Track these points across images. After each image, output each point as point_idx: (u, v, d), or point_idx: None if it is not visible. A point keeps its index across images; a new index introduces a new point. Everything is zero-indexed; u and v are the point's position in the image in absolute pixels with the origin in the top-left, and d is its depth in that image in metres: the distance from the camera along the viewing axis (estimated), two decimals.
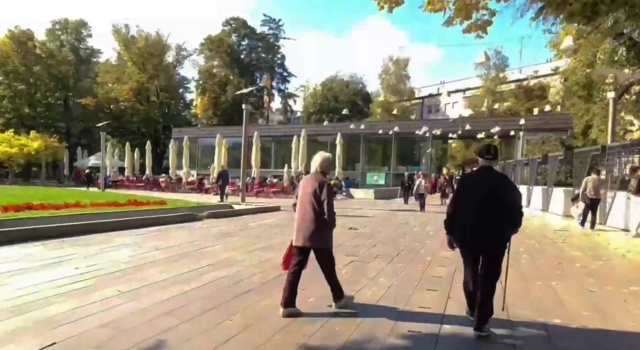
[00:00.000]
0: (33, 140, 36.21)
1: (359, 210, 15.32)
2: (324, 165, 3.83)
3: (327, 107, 54.27)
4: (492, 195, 3.29)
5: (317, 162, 3.82)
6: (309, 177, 3.85)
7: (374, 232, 9.37)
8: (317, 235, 3.70)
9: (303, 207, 3.75)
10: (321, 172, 3.82)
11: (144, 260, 5.76)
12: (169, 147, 31.02)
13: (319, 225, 3.68)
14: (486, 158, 3.45)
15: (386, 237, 8.66)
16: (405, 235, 9.02)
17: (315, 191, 3.66)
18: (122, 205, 11.94)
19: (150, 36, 49.89)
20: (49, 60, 45.02)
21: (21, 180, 37.42)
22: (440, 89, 69.90)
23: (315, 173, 3.80)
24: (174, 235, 8.15)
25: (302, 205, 3.76)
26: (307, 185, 3.75)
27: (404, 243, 7.88)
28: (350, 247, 7.32)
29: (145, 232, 8.43)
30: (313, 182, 3.72)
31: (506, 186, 3.38)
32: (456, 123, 31.50)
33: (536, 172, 17.24)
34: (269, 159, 37.47)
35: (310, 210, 3.67)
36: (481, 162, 3.50)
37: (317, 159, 3.85)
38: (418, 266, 5.83)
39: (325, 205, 3.62)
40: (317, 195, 3.64)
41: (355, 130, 33.12)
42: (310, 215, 3.67)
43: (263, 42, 60.50)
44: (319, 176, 3.78)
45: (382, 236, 8.77)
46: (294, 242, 3.83)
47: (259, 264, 5.76)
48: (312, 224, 3.67)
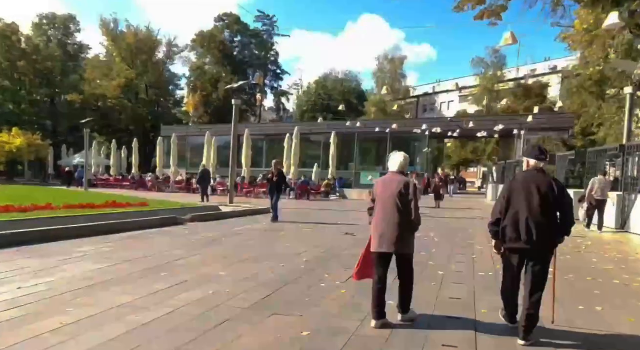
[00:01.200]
0: (15, 138, 34.89)
1: (354, 213, 14.47)
2: (404, 165, 3.64)
3: (321, 106, 53.32)
4: (545, 198, 3.18)
5: (398, 161, 3.63)
6: (389, 178, 3.62)
7: None
8: (403, 240, 3.48)
9: (386, 209, 3.50)
10: (401, 172, 3.62)
11: (107, 276, 4.84)
12: (157, 145, 29.84)
13: (405, 228, 3.48)
14: (539, 159, 3.34)
15: None
16: None
17: (400, 192, 3.44)
18: (98, 207, 10.97)
19: (140, 31, 48.59)
20: (34, 55, 43.57)
21: (4, 180, 36.03)
22: (436, 88, 69.57)
23: (395, 173, 3.60)
24: (150, 243, 7.23)
25: (384, 208, 3.52)
26: (390, 186, 3.53)
27: None
28: (347, 257, 6.46)
29: (118, 238, 7.49)
30: (396, 182, 3.50)
31: (559, 190, 3.22)
32: (454, 122, 30.82)
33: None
34: (260, 158, 36.50)
35: (396, 212, 3.45)
36: (531, 163, 3.36)
37: (397, 158, 3.66)
38: (430, 284, 4.98)
39: (412, 206, 3.45)
40: (403, 196, 3.44)
41: (349, 128, 32.25)
42: (396, 218, 3.45)
43: (256, 38, 59.41)
44: (401, 176, 3.58)
45: None
46: (376, 248, 3.55)
47: (243, 281, 4.87)
48: (398, 228, 3.44)
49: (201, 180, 17.65)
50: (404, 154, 3.70)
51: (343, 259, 6.33)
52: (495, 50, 51.22)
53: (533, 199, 3.18)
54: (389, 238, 3.44)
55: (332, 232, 9.29)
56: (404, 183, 3.48)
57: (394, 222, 3.44)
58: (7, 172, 40.93)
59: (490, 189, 26.41)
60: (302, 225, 10.32)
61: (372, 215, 3.68)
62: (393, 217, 3.44)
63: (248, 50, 59.69)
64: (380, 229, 3.50)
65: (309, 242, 7.87)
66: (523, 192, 3.24)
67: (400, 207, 3.43)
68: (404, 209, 3.43)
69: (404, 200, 3.43)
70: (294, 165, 23.32)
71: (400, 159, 3.64)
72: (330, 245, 7.46)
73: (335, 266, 5.77)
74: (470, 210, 16.69)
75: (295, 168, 23.30)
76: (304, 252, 6.75)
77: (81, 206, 10.80)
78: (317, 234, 8.91)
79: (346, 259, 6.35)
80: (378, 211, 3.57)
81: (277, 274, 5.20)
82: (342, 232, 9.31)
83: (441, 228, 10.54)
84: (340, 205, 17.83)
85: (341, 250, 7.01)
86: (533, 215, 3.15)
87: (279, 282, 4.82)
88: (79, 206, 10.74)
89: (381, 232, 3.49)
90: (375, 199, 3.65)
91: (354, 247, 7.37)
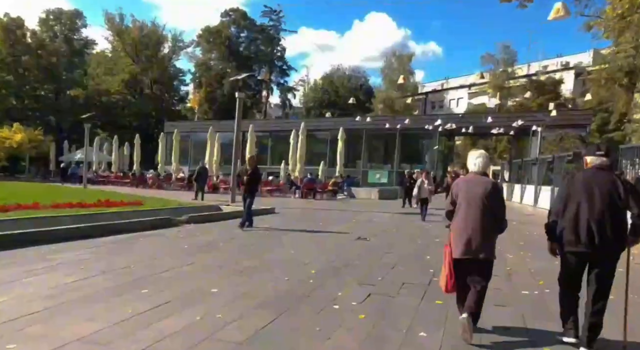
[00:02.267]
0: (16, 133, 34.34)
1: (364, 214, 13.61)
2: (487, 165, 3.48)
3: (328, 102, 52.31)
4: (607, 197, 2.99)
5: (480, 161, 3.44)
6: (472, 179, 3.45)
7: (389, 244, 7.64)
8: (490, 245, 3.32)
9: (471, 212, 3.31)
10: (484, 173, 3.47)
11: (75, 293, 4.01)
12: (159, 140, 29.13)
13: (492, 233, 3.35)
14: (599, 156, 3.17)
15: (406, 252, 6.93)
16: (429, 249, 7.29)
17: (487, 194, 3.28)
18: (88, 206, 10.19)
19: (146, 26, 47.93)
20: (39, 50, 43.04)
21: (4, 176, 35.49)
22: (444, 85, 68.42)
23: (478, 174, 3.44)
24: (137, 249, 6.40)
25: (469, 211, 3.32)
26: (475, 188, 3.35)
27: (433, 262, 6.14)
28: (363, 268, 5.59)
29: (103, 243, 6.68)
30: (483, 184, 3.35)
31: (626, 189, 3.00)
32: (465, 118, 29.83)
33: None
34: (265, 155, 35.70)
35: (482, 216, 3.27)
36: (593, 161, 3.18)
37: (478, 157, 3.46)
38: None
39: (500, 209, 3.35)
40: (489, 199, 3.28)
41: (357, 124, 31.35)
42: (483, 221, 3.26)
43: (263, 34, 58.51)
44: (486, 177, 3.46)
45: (400, 250, 7.04)
46: (461, 254, 3.30)
47: (238, 300, 4.03)
48: (485, 232, 3.27)
49: (198, 178, 17.15)
50: (484, 153, 3.52)
51: (357, 269, 5.46)
52: (506, 46, 50.12)
53: (594, 199, 2.99)
54: (476, 243, 3.23)
55: (342, 236, 8.43)
56: (491, 185, 3.35)
57: (480, 225, 3.23)
58: (9, 168, 40.53)
59: (505, 188, 25.40)
60: (307, 228, 9.46)
61: (451, 220, 3.48)
62: (480, 221, 3.24)
63: (254, 45, 58.84)
64: (467, 234, 3.26)
65: (317, 247, 7.01)
66: (583, 192, 3.05)
67: (488, 211, 3.25)
68: (492, 212, 3.27)
69: (492, 204, 3.27)
70: (299, 163, 22.46)
71: (482, 159, 3.44)
72: (340, 252, 6.60)
73: (348, 280, 4.90)
74: None
75: (301, 165, 22.45)
76: (311, 260, 5.90)
77: (70, 205, 10.02)
78: (326, 238, 8.06)
79: (360, 269, 5.49)
80: (462, 214, 3.34)
81: (280, 291, 4.35)
82: (354, 236, 8.44)
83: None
84: (348, 205, 16.95)
85: (354, 259, 6.14)
86: (594, 216, 2.96)
87: (282, 302, 3.97)
88: (68, 205, 9.97)
89: (467, 237, 3.25)
90: (456, 201, 3.42)
91: (368, 255, 6.51)
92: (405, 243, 7.84)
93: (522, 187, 21.51)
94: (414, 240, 8.27)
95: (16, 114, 42.56)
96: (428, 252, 6.89)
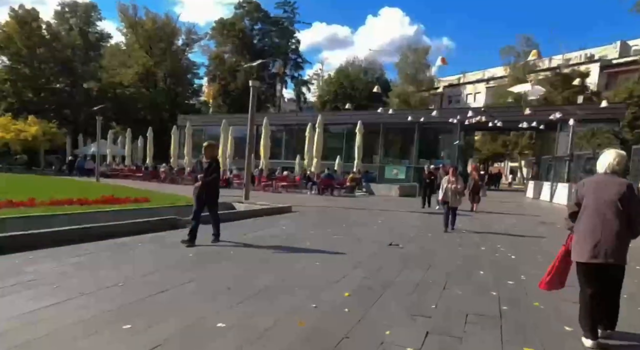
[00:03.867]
0: (31, 126, 34.03)
1: (388, 213, 12.45)
2: (622, 164, 3.20)
3: (344, 95, 50.94)
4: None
5: (615, 160, 3.18)
6: (603, 180, 3.18)
7: (427, 254, 6.50)
8: (621, 250, 3.03)
9: (602, 214, 3.06)
10: (616, 173, 3.18)
11: (35, 332, 2.99)
12: (172, 134, 28.39)
13: (625, 237, 3.05)
14: None
15: (451, 265, 5.76)
16: (479, 261, 6.11)
17: (621, 195, 3.02)
18: (89, 203, 9.31)
19: (159, 18, 47.25)
20: (54, 42, 42.71)
21: (21, 169, 35.25)
22: (461, 80, 66.48)
23: (610, 174, 3.18)
24: (131, 259, 5.39)
25: (599, 214, 3.07)
26: (606, 188, 3.11)
27: (490, 281, 4.97)
28: (406, 289, 4.47)
29: (92, 250, 5.68)
30: (616, 185, 3.09)
31: None
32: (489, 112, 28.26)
33: None
34: (279, 150, 34.72)
35: (616, 219, 3.02)
36: None
37: (613, 156, 3.20)
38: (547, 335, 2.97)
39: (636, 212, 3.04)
40: (623, 200, 3.01)
41: (374, 118, 30.18)
42: (616, 225, 3.01)
43: (277, 26, 57.37)
44: (619, 178, 3.16)
45: (443, 262, 5.88)
46: (588, 258, 3.03)
47: (253, 342, 2.96)
48: (617, 236, 3.00)
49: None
50: (620, 152, 3.26)
51: (400, 291, 4.34)
52: (527, 38, 48.02)
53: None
54: (607, 247, 3.01)
55: (370, 241, 7.32)
56: (626, 186, 3.08)
57: (613, 229, 3.03)
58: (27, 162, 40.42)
59: (532, 185, 23.90)
60: (330, 231, 8.37)
61: (574, 222, 3.27)
62: (612, 224, 3.04)
63: (268, 38, 57.75)
64: (595, 237, 3.06)
65: (345, 258, 5.92)
66: None
67: (621, 214, 3.03)
68: (626, 215, 3.04)
69: (627, 206, 3.03)
70: (316, 157, 21.35)
71: (618, 158, 3.20)
72: (374, 265, 5.49)
73: (394, 308, 3.80)
74: (523, 215, 14.17)
75: (317, 160, 21.34)
76: (341, 277, 4.81)
77: (69, 202, 9.15)
78: (352, 245, 6.96)
79: (404, 291, 4.37)
80: (589, 217, 3.14)
81: (307, 329, 3.25)
82: (383, 241, 7.32)
83: (503, 238, 8.43)
84: (369, 203, 15.79)
85: (393, 274, 5.02)
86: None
87: None
88: (67, 202, 9.10)
89: (596, 240, 3.05)
90: (582, 203, 3.22)
91: (407, 268, 5.37)
92: (446, 252, 6.68)
93: (552, 185, 20.03)
94: (454, 248, 7.10)
95: (32, 107, 42.42)
96: (479, 266, 5.72)
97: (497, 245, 7.40)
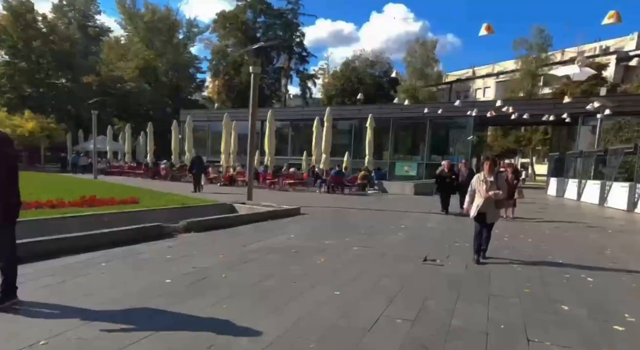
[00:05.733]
0: (27, 121, 32.87)
1: (409, 216, 11.01)
2: None
3: (351, 90, 49.38)
4: None
5: None
6: None
7: (477, 274, 5.07)
8: None
9: None
10: None
11: None
12: (171, 129, 27.11)
13: None
14: None
15: (520, 294, 4.35)
16: (553, 285, 4.69)
17: None
18: (64, 205, 7.97)
19: (159, 9, 45.90)
20: (50, 35, 41.49)
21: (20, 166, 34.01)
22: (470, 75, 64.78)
23: None
24: (85, 286, 3.99)
25: None
26: None
27: (581, 314, 3.56)
28: (475, 341, 3.06)
29: (50, 271, 4.33)
30: None
31: None
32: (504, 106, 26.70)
33: None
34: (285, 146, 33.36)
35: None
36: None
37: None
38: None
39: None
40: None
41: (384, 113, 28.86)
42: None
43: (281, 19, 55.77)
44: None
45: (507, 290, 4.47)
46: None
47: None
48: None
49: (192, 168, 16.10)
50: None
51: (470, 346, 2.94)
52: (541, 30, 46.15)
53: None
54: None
55: (398, 255, 5.91)
56: None
57: None
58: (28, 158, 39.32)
59: (554, 182, 22.34)
60: (348, 240, 6.97)
61: None
62: None
63: (272, 31, 56.16)
64: None
65: (371, 281, 4.53)
66: None
67: None
68: None
69: None
70: (324, 153, 19.93)
71: None
72: (416, 296, 4.09)
73: None
74: (573, 222, 10.50)
75: (326, 156, 19.92)
76: (370, 320, 3.40)
77: (38, 205, 7.80)
78: (378, 262, 5.56)
79: (474, 344, 2.96)
80: None
81: None
82: (414, 255, 5.92)
83: (563, 249, 6.97)
84: (384, 203, 14.36)
85: (442, 314, 3.60)
86: None
87: None
88: (35, 204, 7.74)
89: None
90: None
91: (462, 298, 3.95)
92: (500, 271, 5.25)
93: (580, 183, 18.47)
94: (509, 264, 5.65)
95: (32, 103, 41.29)
96: (557, 290, 4.28)
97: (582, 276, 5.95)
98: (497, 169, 5.84)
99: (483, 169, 5.73)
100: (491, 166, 5.62)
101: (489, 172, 5.61)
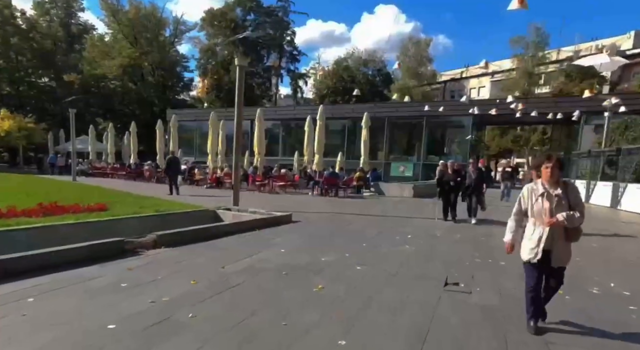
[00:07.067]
0: (3, 120, 31.27)
1: (413, 222, 9.96)
2: None
3: (343, 89, 48.38)
4: None
5: None
6: None
7: (508, 301, 4.02)
8: None
9: None
10: None
11: None
12: (156, 129, 25.81)
13: None
14: None
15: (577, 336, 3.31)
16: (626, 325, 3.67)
17: None
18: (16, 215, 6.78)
19: (143, 6, 44.36)
20: (30, 33, 39.80)
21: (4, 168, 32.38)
22: (464, 74, 64.34)
23: None
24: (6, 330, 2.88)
25: None
26: None
27: None
28: None
29: None
30: None
31: None
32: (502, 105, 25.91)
33: None
34: (276, 146, 32.19)
35: None
36: None
37: None
38: None
39: None
40: None
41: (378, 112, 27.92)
42: None
43: (271, 17, 54.56)
44: None
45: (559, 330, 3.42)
46: None
47: None
48: None
49: (168, 170, 15.13)
50: None
51: None
52: (538, 28, 45.62)
53: None
54: None
55: (412, 276, 4.85)
56: None
57: None
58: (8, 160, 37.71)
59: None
60: (348, 256, 5.88)
61: None
62: None
63: (262, 29, 54.89)
64: None
65: (385, 317, 3.45)
66: None
67: None
68: None
69: None
70: (317, 154, 18.84)
71: None
72: (443, 336, 3.02)
73: None
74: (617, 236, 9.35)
75: (319, 157, 18.84)
76: None
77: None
78: (389, 286, 4.50)
79: None
80: None
81: None
82: (430, 275, 4.86)
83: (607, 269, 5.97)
84: (382, 207, 13.30)
85: None
86: None
87: None
88: None
89: None
90: None
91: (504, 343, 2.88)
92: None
93: (588, 184, 17.62)
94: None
95: (12, 102, 39.51)
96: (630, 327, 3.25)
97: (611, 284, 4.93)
98: (559, 175, 3.36)
99: (548, 172, 3.33)
100: (554, 171, 3.30)
101: (551, 181, 3.33)
